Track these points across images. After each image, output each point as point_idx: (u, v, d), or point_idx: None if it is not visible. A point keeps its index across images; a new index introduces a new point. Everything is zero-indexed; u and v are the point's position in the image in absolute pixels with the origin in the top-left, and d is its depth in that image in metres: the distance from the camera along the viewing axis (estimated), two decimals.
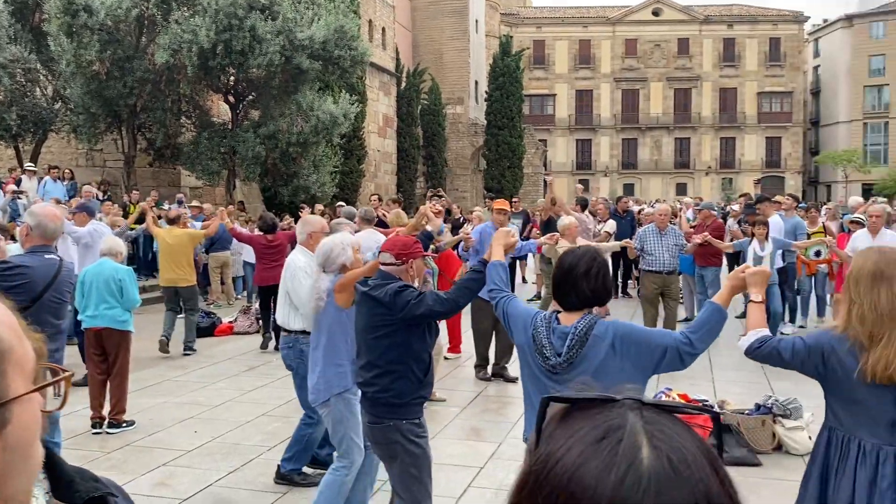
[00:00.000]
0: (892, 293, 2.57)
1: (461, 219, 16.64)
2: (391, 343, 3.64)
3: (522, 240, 9.80)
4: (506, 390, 8.04)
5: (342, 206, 13.50)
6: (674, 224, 13.78)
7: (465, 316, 7.97)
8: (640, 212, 15.17)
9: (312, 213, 12.31)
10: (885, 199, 18.04)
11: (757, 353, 2.85)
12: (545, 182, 11.37)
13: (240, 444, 6.23)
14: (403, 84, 34.58)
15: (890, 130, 59.87)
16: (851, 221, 10.34)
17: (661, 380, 8.26)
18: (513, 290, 4.26)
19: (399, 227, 6.67)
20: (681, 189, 58.02)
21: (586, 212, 10.88)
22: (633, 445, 0.66)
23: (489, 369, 8.46)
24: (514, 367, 8.67)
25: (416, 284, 3.82)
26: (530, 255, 13.75)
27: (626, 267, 14.24)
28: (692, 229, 11.61)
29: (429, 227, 4.99)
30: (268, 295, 10.02)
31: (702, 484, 0.65)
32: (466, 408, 7.43)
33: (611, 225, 11.95)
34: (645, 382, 2.89)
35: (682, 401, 6.31)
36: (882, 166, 56.95)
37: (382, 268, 3.81)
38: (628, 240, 9.73)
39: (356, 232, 6.98)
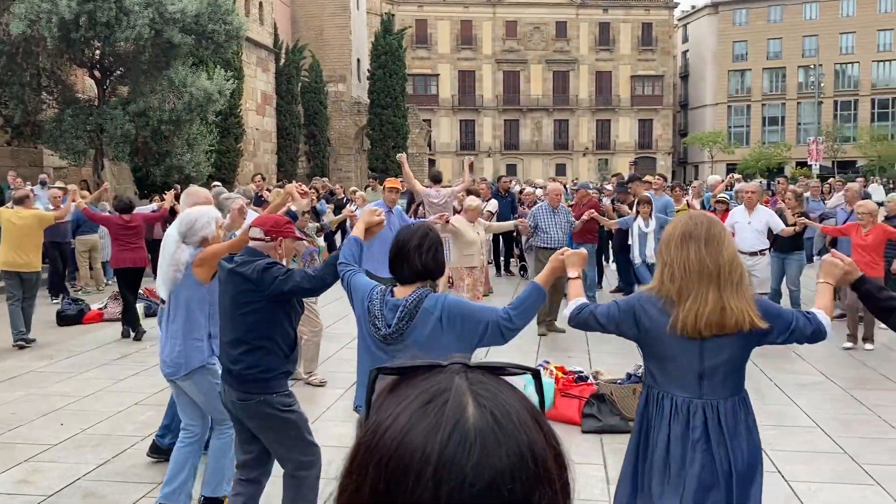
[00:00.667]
0: (700, 251, 2.77)
1: (344, 199, 16.52)
2: (258, 319, 3.66)
3: (413, 219, 9.82)
4: None
5: (217, 185, 13.08)
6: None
7: None
8: (521, 192, 15.52)
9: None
10: (792, 180, 19.13)
11: (577, 318, 3.05)
12: (464, 163, 11.36)
13: (110, 435, 5.97)
14: (282, 61, 33.77)
15: (752, 113, 63.74)
16: (717, 201, 10.92)
17: (540, 353, 8.53)
18: None
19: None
20: (560, 169, 59.65)
21: (436, 187, 11.01)
22: (458, 405, 0.67)
23: None
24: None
25: (283, 263, 3.84)
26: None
27: (508, 245, 14.57)
28: (569, 208, 11.98)
29: (293, 207, 4.95)
30: (126, 279, 9.59)
31: (525, 437, 0.67)
32: (350, 388, 7.41)
33: (493, 204, 12.16)
34: (470, 352, 3.03)
35: (560, 373, 6.54)
36: (744, 147, 60.61)
37: (251, 243, 3.80)
38: (523, 219, 9.91)
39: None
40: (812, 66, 54.52)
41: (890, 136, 57.05)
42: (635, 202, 11.10)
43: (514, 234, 12.68)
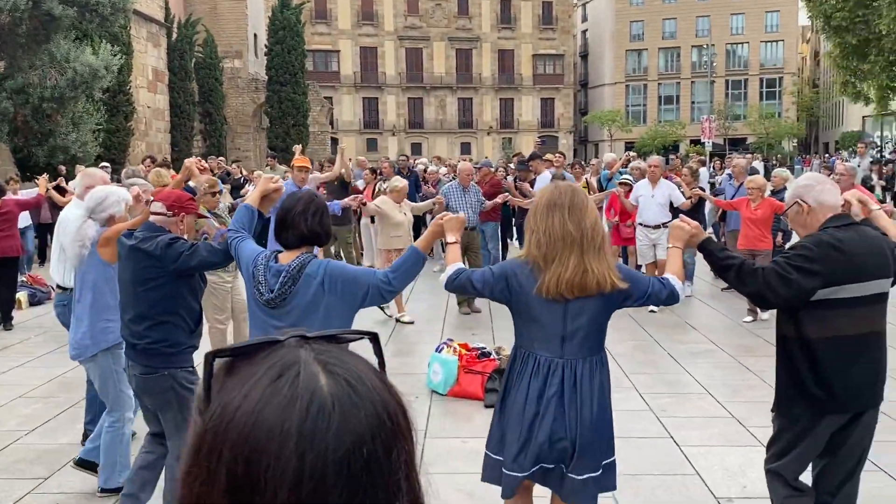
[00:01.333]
0: (563, 218, 2.95)
1: (242, 178, 16.12)
2: (162, 295, 3.67)
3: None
4: (406, 332, 7.96)
5: (107, 167, 12.55)
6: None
7: None
8: (425, 171, 15.54)
9: (72, 175, 11.33)
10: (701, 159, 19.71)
11: (454, 283, 3.19)
12: (338, 150, 11.13)
13: None
14: (175, 36, 32.52)
15: (648, 92, 65.83)
16: (621, 183, 11.24)
17: (444, 332, 8.62)
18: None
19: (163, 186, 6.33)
20: (465, 148, 60.10)
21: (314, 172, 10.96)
22: (311, 376, 0.68)
23: None
24: None
25: (185, 238, 3.84)
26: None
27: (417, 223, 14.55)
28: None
29: (191, 183, 4.87)
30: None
31: (379, 398, 0.70)
32: None
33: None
34: (351, 315, 3.18)
35: (464, 350, 6.63)
36: (642, 125, 62.63)
37: (152, 218, 3.78)
38: (440, 196, 9.89)
39: None
40: (705, 46, 56.71)
41: (776, 114, 60.10)
42: (536, 179, 11.31)
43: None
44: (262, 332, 3.25)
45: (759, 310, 9.01)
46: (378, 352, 0.79)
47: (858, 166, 15.21)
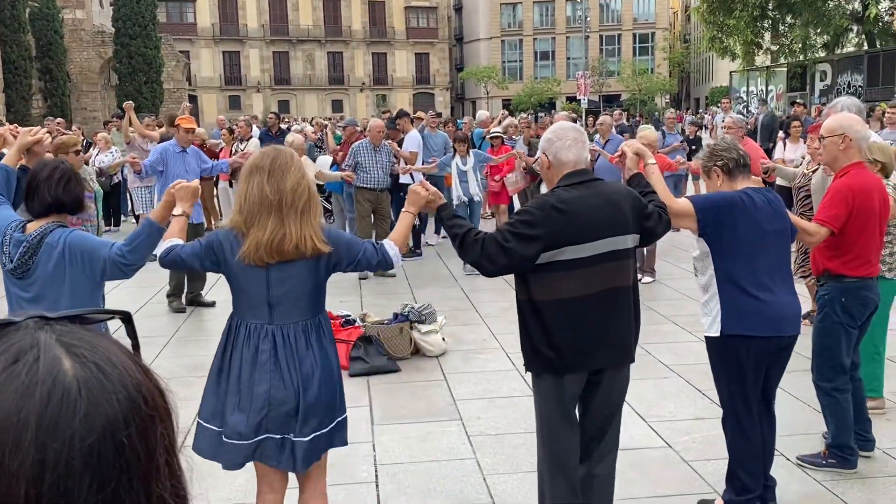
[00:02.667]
0: (262, 182, 2.98)
1: (85, 141, 15.27)
2: None
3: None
4: (202, 316, 7.76)
5: None
6: (320, 144, 14.09)
7: None
8: (301, 131, 15.18)
9: None
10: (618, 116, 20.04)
11: (165, 260, 3.18)
12: (182, 109, 10.66)
13: None
14: None
15: (524, 48, 66.79)
16: (492, 137, 11.41)
17: None
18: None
19: None
20: (337, 105, 59.25)
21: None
22: (52, 360, 0.66)
23: (184, 298, 8.27)
24: (211, 295, 8.36)
25: None
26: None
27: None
28: (338, 146, 11.97)
29: (3, 150, 4.60)
30: None
31: (132, 381, 0.69)
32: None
33: (254, 144, 11.83)
34: (96, 290, 3.26)
35: None
36: (518, 82, 63.59)
37: None
38: (349, 172, 9.62)
39: None
40: (579, 0, 57.97)
41: (649, 69, 62.41)
42: (405, 138, 11.30)
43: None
44: (14, 303, 3.30)
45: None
46: (131, 332, 0.78)
47: (723, 121, 16.09)
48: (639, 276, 8.70)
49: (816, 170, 6.11)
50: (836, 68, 28.91)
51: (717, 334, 3.65)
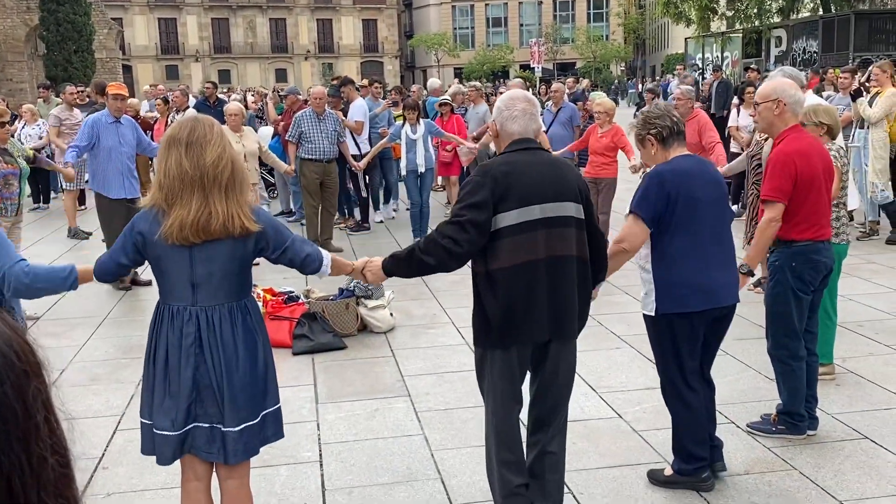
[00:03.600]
0: (181, 157, 2.90)
1: (11, 115, 14.83)
2: None
3: None
4: (137, 295, 7.60)
5: None
6: (261, 114, 13.89)
7: None
8: (243, 100, 14.92)
9: None
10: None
11: (104, 268, 3.12)
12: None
13: None
14: None
15: (475, 14, 66.50)
16: (440, 104, 11.34)
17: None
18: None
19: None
20: (280, 75, 58.39)
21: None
22: None
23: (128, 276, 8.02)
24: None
25: None
26: None
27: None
28: (280, 116, 11.81)
29: None
30: None
31: (3, 338, 0.69)
32: None
33: (191, 115, 11.61)
34: None
35: (269, 295, 6.56)
36: (470, 50, 63.38)
37: None
38: (290, 167, 9.41)
39: None
40: None
41: (604, 36, 62.72)
42: (350, 107, 11.19)
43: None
44: None
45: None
46: None
47: (678, 88, 16.24)
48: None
49: (768, 138, 6.21)
50: (791, 34, 29.36)
51: (653, 313, 3.74)
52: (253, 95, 16.02)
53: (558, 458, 3.43)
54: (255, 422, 3.00)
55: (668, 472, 3.92)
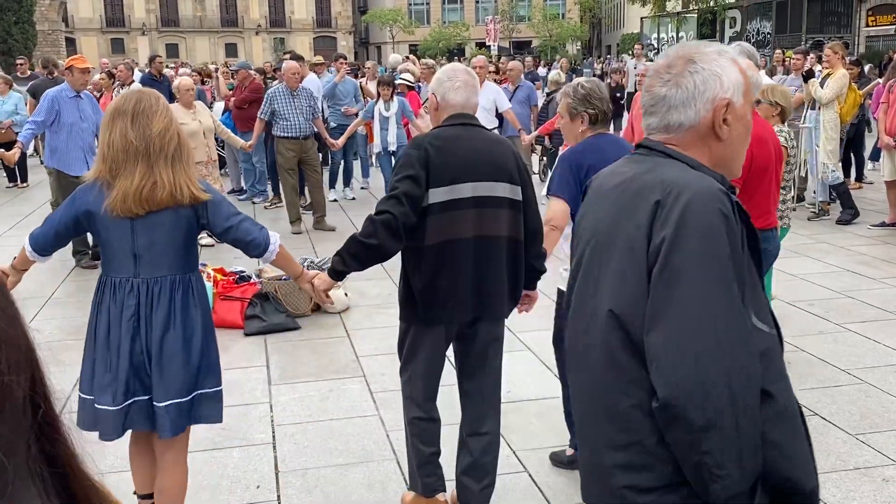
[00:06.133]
0: (126, 128, 2.91)
1: None
2: None
3: None
4: (82, 275, 7.41)
5: None
6: (209, 89, 13.65)
7: None
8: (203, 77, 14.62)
9: None
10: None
11: (33, 245, 3.15)
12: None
13: None
14: None
15: None
16: (406, 86, 11.27)
17: (202, 256, 8.35)
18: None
19: None
20: (231, 50, 57.48)
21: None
22: None
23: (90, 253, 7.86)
24: None
25: None
26: None
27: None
28: (230, 91, 11.63)
29: None
30: None
31: None
32: None
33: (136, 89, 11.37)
34: None
35: (220, 275, 6.48)
36: (425, 26, 63.02)
37: None
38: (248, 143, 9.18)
39: None
40: None
41: (560, 15, 62.84)
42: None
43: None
44: None
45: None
46: None
47: (635, 68, 16.36)
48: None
49: None
50: (746, 15, 29.76)
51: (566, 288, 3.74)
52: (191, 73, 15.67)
53: (491, 438, 3.42)
54: (184, 399, 3.00)
55: (570, 452, 3.95)
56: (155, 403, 2.97)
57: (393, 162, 9.69)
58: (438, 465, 3.42)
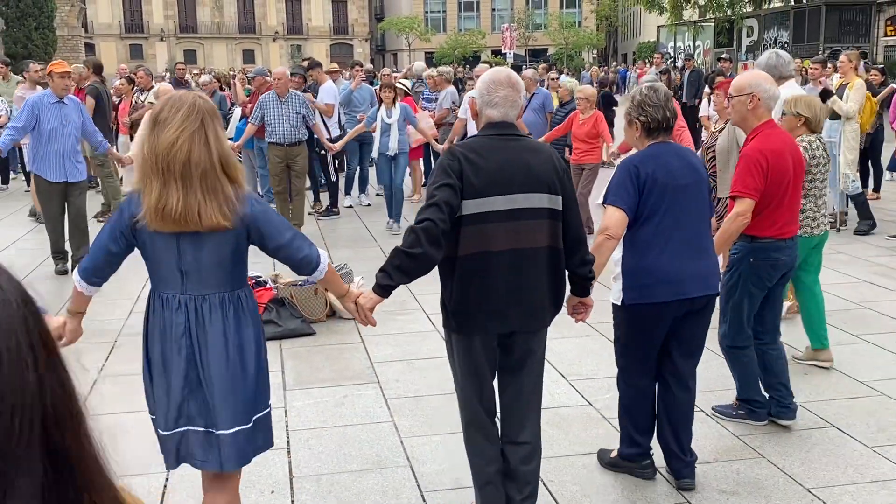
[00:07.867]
0: (145, 136, 2.77)
1: None
2: None
3: None
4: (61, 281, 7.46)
5: None
6: (226, 94, 13.73)
7: None
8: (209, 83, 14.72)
9: None
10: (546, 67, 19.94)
11: (83, 272, 3.05)
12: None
13: None
14: None
15: None
16: (381, 87, 11.27)
17: None
18: None
19: None
20: (248, 56, 57.79)
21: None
22: None
23: (69, 261, 7.91)
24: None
25: None
26: None
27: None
28: (248, 98, 11.68)
29: None
30: None
31: (15, 286, 0.76)
32: None
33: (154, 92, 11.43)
34: None
35: None
36: (441, 34, 63.17)
37: None
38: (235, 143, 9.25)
39: None
40: None
41: (576, 23, 62.82)
42: (320, 90, 11.11)
43: None
44: None
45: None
46: None
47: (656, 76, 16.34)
48: None
49: (723, 129, 6.24)
50: (763, 24, 29.64)
51: (619, 303, 3.73)
52: (208, 74, 15.77)
53: (531, 448, 3.39)
54: (248, 426, 2.86)
55: (614, 454, 4.00)
56: (219, 432, 2.80)
57: (392, 167, 9.76)
58: (498, 486, 3.34)
